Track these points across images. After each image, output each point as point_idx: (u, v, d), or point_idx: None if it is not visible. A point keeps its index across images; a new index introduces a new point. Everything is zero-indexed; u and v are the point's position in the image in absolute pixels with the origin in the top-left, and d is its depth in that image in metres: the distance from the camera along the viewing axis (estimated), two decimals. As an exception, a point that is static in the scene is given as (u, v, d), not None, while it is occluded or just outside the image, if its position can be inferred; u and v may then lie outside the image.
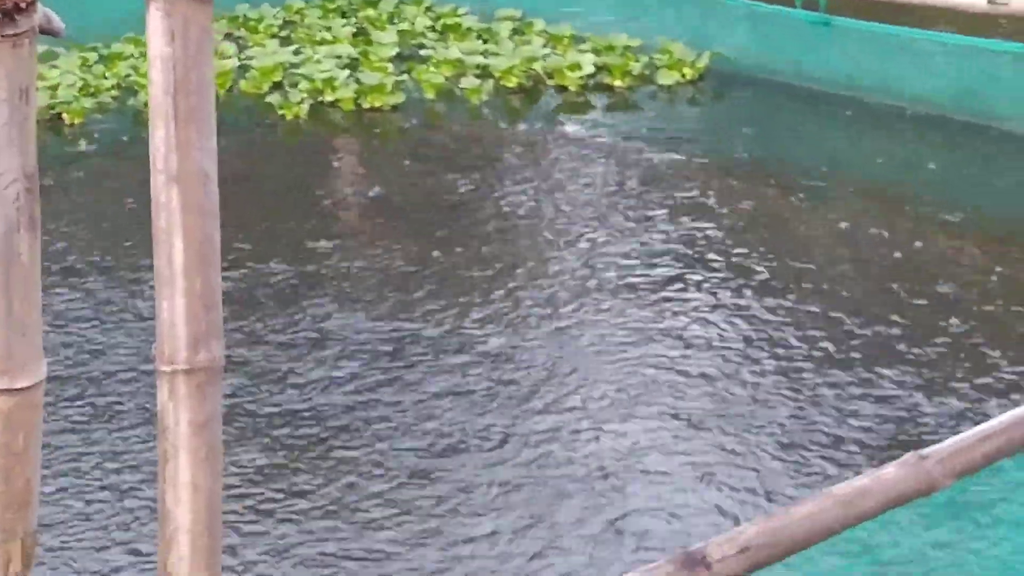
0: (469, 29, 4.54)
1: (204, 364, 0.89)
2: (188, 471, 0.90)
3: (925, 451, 1.40)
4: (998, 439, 1.45)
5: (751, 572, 1.24)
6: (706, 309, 2.67)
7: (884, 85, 3.50)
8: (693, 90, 3.94)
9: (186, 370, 0.89)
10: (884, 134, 3.45)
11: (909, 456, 1.39)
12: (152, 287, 0.89)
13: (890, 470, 1.37)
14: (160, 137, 0.85)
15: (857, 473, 1.81)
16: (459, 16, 4.51)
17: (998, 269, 2.73)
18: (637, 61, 4.13)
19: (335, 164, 3.68)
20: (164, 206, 0.86)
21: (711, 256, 2.87)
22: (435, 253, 3.04)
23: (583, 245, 3.02)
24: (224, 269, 0.88)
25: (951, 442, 1.46)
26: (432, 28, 4.52)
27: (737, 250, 2.85)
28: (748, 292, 2.76)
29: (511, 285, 2.90)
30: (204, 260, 0.87)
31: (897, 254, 2.85)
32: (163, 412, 0.91)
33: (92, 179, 3.88)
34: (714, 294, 2.75)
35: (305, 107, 3.93)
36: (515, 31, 4.41)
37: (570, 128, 3.62)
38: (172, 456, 0.90)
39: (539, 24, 4.49)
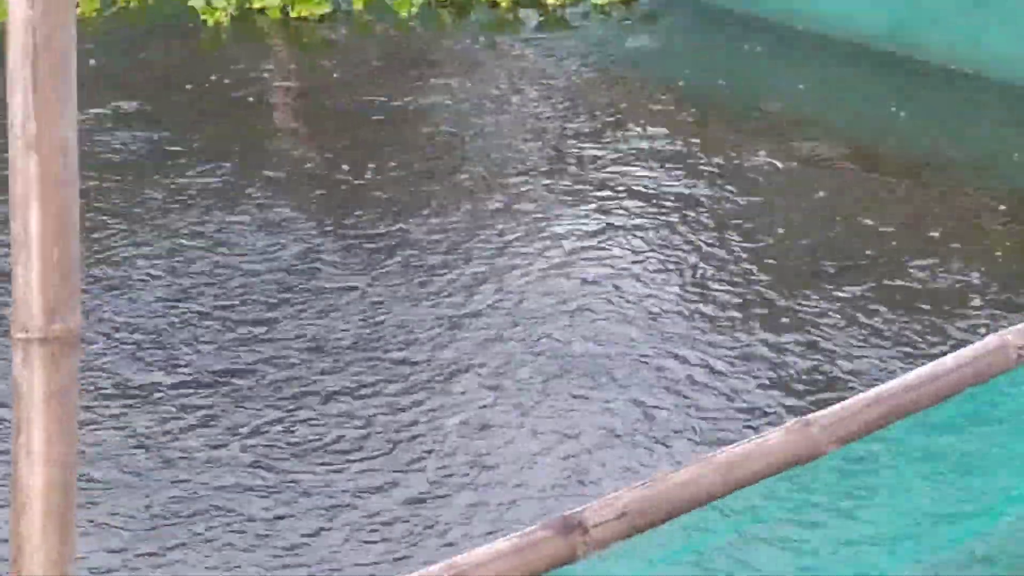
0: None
1: (59, 334, 0.89)
2: (42, 442, 0.90)
3: (810, 417, 1.39)
4: (884, 405, 1.45)
5: (629, 536, 1.23)
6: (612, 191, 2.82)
7: (811, 12, 3.49)
8: (625, 11, 3.87)
9: (41, 339, 0.89)
10: (810, 62, 3.45)
11: (793, 422, 1.41)
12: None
13: (774, 435, 1.38)
14: (18, 103, 0.83)
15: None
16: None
17: (896, 193, 2.75)
18: None
19: (254, 74, 3.61)
20: (21, 172, 0.84)
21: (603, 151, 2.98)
22: (344, 166, 3.02)
23: (501, 142, 3.11)
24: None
25: (835, 408, 1.44)
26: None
27: (645, 166, 2.92)
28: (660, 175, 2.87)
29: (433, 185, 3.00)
30: (63, 229, 0.87)
31: (807, 178, 2.89)
32: (17, 380, 0.91)
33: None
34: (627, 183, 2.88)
35: (229, 14, 3.83)
36: None
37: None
38: (26, 426, 0.90)
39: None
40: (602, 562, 1.18)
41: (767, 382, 2.10)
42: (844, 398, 1.43)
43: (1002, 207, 2.63)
